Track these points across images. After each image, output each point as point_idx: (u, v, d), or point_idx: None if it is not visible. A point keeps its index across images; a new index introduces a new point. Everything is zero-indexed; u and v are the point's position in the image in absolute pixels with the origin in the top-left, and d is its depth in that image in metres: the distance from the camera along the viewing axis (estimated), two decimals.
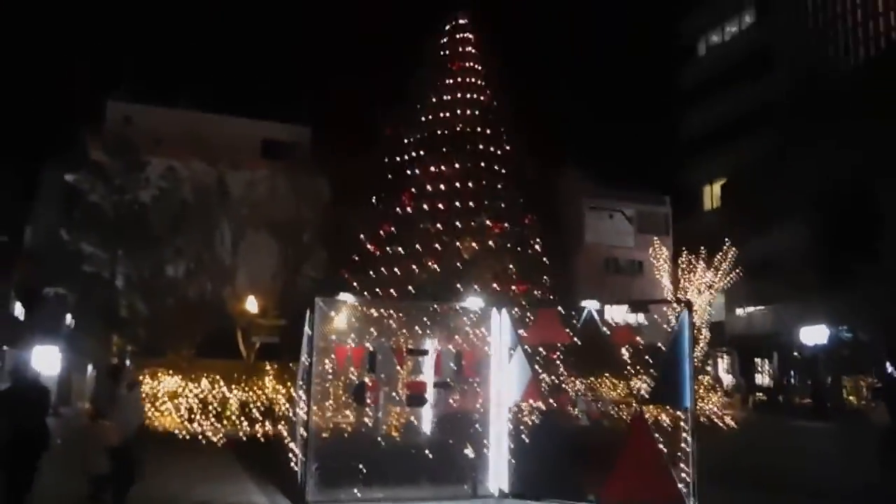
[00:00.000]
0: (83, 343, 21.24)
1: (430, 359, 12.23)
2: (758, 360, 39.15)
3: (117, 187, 23.83)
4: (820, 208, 28.39)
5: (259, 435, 17.12)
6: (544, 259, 14.10)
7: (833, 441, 18.90)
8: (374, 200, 15.25)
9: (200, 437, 14.62)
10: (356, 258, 14.76)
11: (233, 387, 18.42)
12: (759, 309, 37.11)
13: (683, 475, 10.38)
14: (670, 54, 48.02)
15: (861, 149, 27.05)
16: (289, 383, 19.48)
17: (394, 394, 11.17)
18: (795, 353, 36.44)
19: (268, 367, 19.49)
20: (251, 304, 24.39)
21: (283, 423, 17.29)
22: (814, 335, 33.05)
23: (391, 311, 11.42)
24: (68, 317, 26.04)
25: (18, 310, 33.68)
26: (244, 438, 15.66)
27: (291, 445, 11.21)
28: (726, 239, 25.78)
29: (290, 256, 27.40)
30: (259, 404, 18.10)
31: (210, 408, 16.79)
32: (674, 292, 23.29)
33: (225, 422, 16.99)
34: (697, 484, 10.30)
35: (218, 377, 18.46)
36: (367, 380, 11.04)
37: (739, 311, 40.10)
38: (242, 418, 17.51)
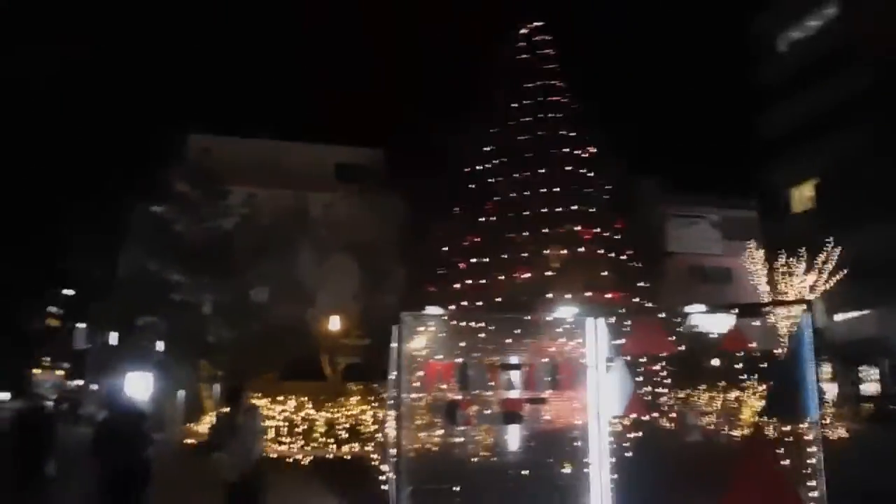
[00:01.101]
0: (173, 370, 21.43)
1: (524, 372, 11.52)
2: (863, 367, 36.84)
3: (201, 216, 24.15)
4: None
5: (346, 455, 16.76)
6: (637, 265, 13.29)
7: None
8: (456, 211, 14.70)
9: (288, 457, 14.33)
10: (442, 272, 14.23)
11: (318, 407, 18.18)
12: (861, 314, 34.85)
13: (812, 493, 9.32)
14: (750, 52, 46.12)
15: None
16: (373, 403, 19.14)
17: (487, 411, 10.49)
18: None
19: (353, 388, 19.19)
20: (334, 324, 24.24)
21: (370, 443, 16.91)
22: None
23: (481, 324, 10.79)
24: (159, 344, 26.49)
25: (113, 339, 34.70)
26: (331, 458, 15.30)
27: (382, 467, 10.65)
28: (824, 240, 24.22)
29: (370, 276, 27.27)
30: (346, 425, 17.78)
31: (297, 429, 16.55)
32: (772, 298, 21.90)
33: (313, 443, 16.70)
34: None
35: (304, 398, 18.27)
36: (458, 397, 10.36)
37: (838, 317, 37.80)
38: (330, 439, 17.20)
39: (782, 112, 42.76)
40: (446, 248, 14.28)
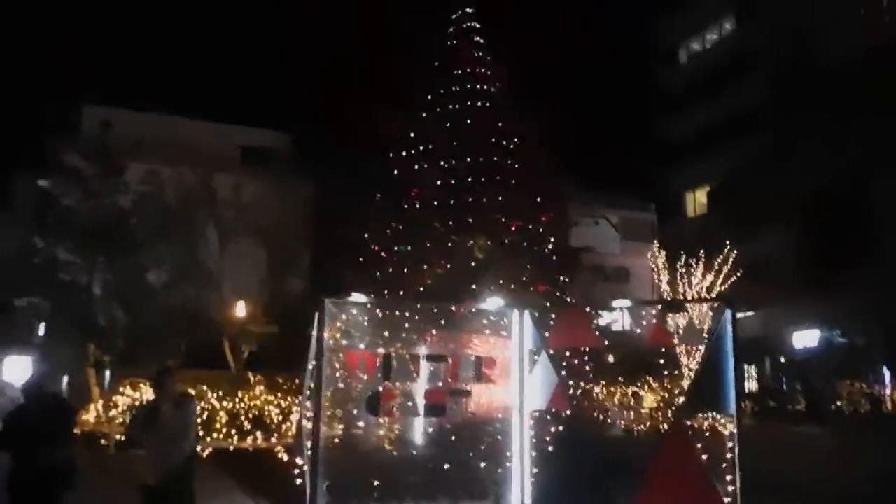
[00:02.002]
0: (57, 354, 19.86)
1: (448, 365, 11.18)
2: (746, 366, 38.61)
3: (94, 192, 22.50)
4: (810, 211, 27.91)
5: (250, 447, 15.96)
6: (558, 259, 13.28)
7: (842, 446, 18.14)
8: (377, 197, 14.21)
9: None
10: (360, 259, 13.70)
11: (220, 397, 17.25)
12: (747, 315, 36.67)
13: (729, 487, 9.46)
14: (651, 61, 47.62)
15: (850, 150, 26.60)
16: (279, 393, 18.39)
17: (409, 403, 10.10)
18: (782, 359, 35.95)
19: (258, 377, 18.36)
20: (240, 310, 23.25)
21: (276, 434, 16.19)
22: (805, 339, 32.57)
23: (406, 313, 10.37)
24: (41, 326, 24.58)
25: None
26: (232, 450, 14.51)
27: (297, 460, 10.07)
28: (714, 244, 25.12)
29: (278, 262, 26.34)
30: (249, 416, 16.93)
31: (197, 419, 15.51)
32: (671, 297, 22.49)
33: (215, 434, 15.81)
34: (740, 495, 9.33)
35: (204, 387, 17.28)
36: (380, 388, 9.93)
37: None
38: (232, 430, 16.33)
39: (681, 120, 44.40)
40: (366, 235, 13.79)
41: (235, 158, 35.20)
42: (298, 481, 10.40)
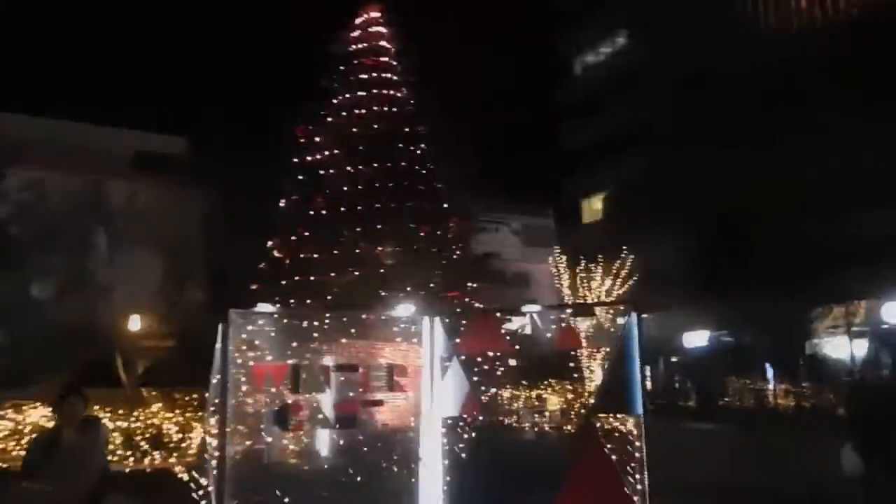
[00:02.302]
0: None
1: (359, 374, 10.93)
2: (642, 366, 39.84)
3: None
4: (698, 220, 29.23)
5: (147, 468, 15.11)
6: (468, 264, 13.28)
7: (736, 440, 18.96)
8: (281, 204, 13.78)
9: None
10: (262, 266, 13.24)
11: (114, 417, 16.25)
12: (642, 317, 38.00)
13: (638, 486, 9.64)
14: (549, 72, 48.84)
15: (734, 163, 28.02)
16: (177, 410, 17.55)
17: (320, 416, 9.79)
18: (673, 359, 37.50)
19: (153, 393, 17.41)
20: (134, 324, 22.02)
21: (175, 454, 15.43)
22: (695, 340, 33.96)
23: (315, 323, 10.07)
24: None
25: None
26: (127, 472, 13.69)
27: (202, 480, 9.57)
28: (609, 250, 25.91)
29: (176, 272, 25.22)
30: (146, 435, 16.03)
31: None
32: (574, 301, 22.94)
33: (109, 457, 14.81)
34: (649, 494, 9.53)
35: (96, 407, 16.20)
36: (289, 401, 9.56)
37: (621, 320, 40.83)
38: (128, 452, 15.42)
39: (576, 130, 45.59)
40: (271, 243, 13.34)
41: (128, 164, 33.58)
42: (202, 502, 9.90)
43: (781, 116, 27.30)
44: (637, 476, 9.87)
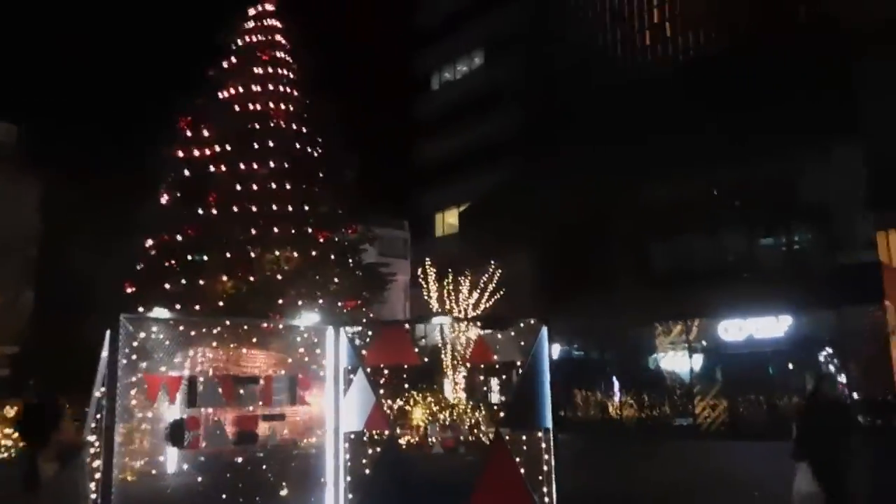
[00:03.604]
0: None
1: (259, 386, 10.24)
2: (493, 378, 40.89)
3: None
4: (548, 238, 30.26)
5: None
6: (363, 273, 12.82)
7: (590, 449, 19.67)
8: (163, 201, 12.64)
9: None
10: (141, 268, 12.06)
11: None
12: (492, 332, 38.86)
13: (545, 499, 9.70)
14: (407, 87, 48.92)
15: (587, 183, 29.18)
16: (9, 428, 15.62)
17: (217, 431, 9.05)
18: (520, 370, 38.38)
19: None
20: None
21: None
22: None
23: (213, 331, 9.30)
24: None
25: None
26: None
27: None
28: (464, 264, 26.15)
29: (13, 271, 22.55)
30: None
31: None
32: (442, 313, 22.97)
33: None
34: None
35: None
36: (184, 416, 8.79)
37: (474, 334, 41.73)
38: None
39: (432, 145, 45.96)
40: (151, 242, 12.17)
41: None
42: None
43: (630, 137, 28.77)
44: (545, 489, 10.01)
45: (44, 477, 4.44)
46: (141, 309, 9.77)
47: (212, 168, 12.39)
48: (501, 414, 10.58)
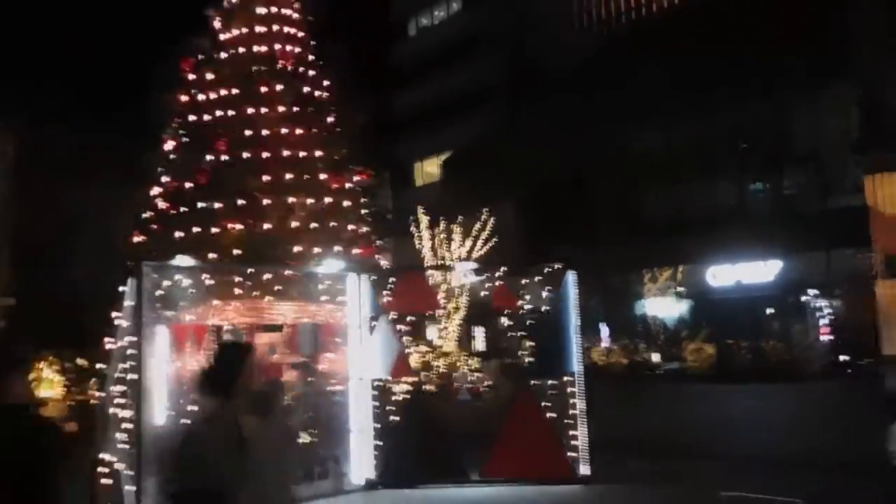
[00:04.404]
0: None
1: (285, 335, 10.12)
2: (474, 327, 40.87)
3: None
4: (534, 187, 29.93)
5: None
6: (372, 220, 12.63)
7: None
8: (168, 147, 12.20)
9: None
10: (150, 215, 11.70)
11: None
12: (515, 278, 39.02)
13: (573, 442, 9.78)
14: (382, 33, 47.65)
15: (570, 130, 28.78)
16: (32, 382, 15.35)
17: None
18: (505, 321, 38.61)
19: None
20: None
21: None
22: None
23: (236, 279, 9.08)
24: None
25: None
26: None
27: (104, 457, 8.42)
28: (446, 213, 25.63)
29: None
30: None
31: None
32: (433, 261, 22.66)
33: None
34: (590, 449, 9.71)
35: None
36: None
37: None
38: None
39: (410, 93, 45.02)
40: (155, 192, 11.81)
41: None
42: (107, 481, 8.70)
43: (617, 83, 28.42)
44: (571, 432, 10.08)
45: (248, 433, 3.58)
46: (182, 258, 9.50)
47: (218, 113, 12.00)
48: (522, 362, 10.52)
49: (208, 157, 11.47)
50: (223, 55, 12.40)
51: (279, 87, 11.95)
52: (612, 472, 9.57)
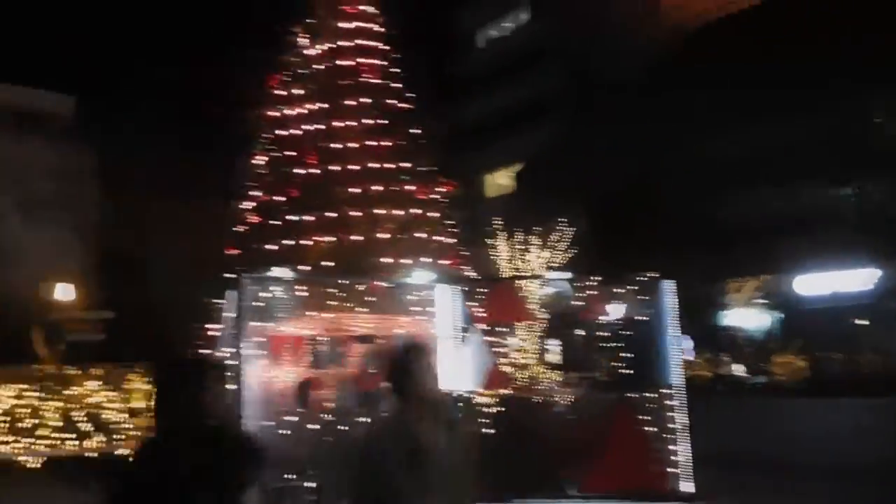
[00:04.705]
0: None
1: (378, 346, 10.11)
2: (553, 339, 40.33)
3: None
4: (606, 196, 29.50)
5: (89, 453, 13.61)
6: (459, 231, 12.62)
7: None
8: (258, 162, 12.48)
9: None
10: (241, 229, 11.97)
11: (44, 396, 14.48)
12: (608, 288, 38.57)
13: (673, 457, 9.43)
14: (453, 47, 47.72)
15: (642, 139, 28.32)
16: (116, 391, 15.88)
17: (340, 392, 8.94)
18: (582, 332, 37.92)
19: (95, 370, 15.63)
20: (63, 293, 19.65)
21: (121, 438, 13.98)
22: (614, 313, 34.73)
23: (330, 290, 9.14)
24: None
25: None
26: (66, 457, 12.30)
27: None
28: (518, 223, 25.31)
29: (84, 237, 22.85)
30: (83, 416, 14.39)
31: (20, 424, 13.06)
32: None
33: (43, 441, 13.23)
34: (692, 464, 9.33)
35: (25, 386, 14.42)
36: (309, 375, 8.71)
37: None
38: (69, 434, 13.79)
39: (478, 104, 44.92)
40: (246, 206, 12.10)
41: (10, 123, 30.21)
42: None
43: (693, 87, 27.73)
44: (673, 447, 9.73)
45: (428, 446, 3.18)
46: (278, 269, 9.70)
47: (305, 127, 12.23)
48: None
49: (297, 171, 11.71)
50: (309, 70, 12.68)
51: (364, 100, 12.14)
52: (715, 489, 9.20)
